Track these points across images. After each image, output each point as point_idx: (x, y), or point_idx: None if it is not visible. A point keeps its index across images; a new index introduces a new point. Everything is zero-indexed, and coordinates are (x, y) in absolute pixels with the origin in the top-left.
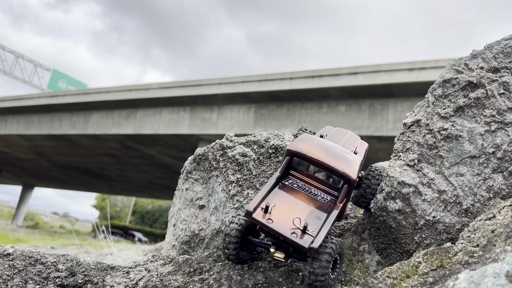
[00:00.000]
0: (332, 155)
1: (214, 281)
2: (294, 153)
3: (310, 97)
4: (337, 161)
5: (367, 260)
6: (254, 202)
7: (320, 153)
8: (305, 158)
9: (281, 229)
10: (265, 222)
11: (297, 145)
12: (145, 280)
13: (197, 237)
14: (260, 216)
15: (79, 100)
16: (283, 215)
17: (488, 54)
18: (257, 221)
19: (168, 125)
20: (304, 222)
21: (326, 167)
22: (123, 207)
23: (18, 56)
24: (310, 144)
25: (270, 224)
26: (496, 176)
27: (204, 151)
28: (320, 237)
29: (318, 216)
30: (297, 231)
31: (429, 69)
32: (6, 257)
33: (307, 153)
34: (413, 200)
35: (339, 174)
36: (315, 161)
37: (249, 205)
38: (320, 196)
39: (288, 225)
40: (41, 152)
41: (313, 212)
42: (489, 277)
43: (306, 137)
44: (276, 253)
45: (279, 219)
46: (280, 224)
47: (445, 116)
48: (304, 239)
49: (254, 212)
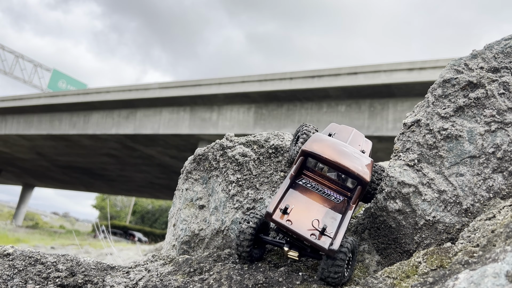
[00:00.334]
0: (346, 156)
1: (214, 281)
2: (309, 153)
3: (310, 97)
4: (351, 162)
5: (367, 260)
6: (273, 203)
7: (334, 154)
8: (320, 159)
9: (301, 230)
10: (285, 224)
11: (312, 145)
12: (145, 280)
13: (197, 237)
14: (279, 217)
15: (79, 100)
16: (301, 217)
17: (488, 54)
18: (277, 222)
19: (168, 125)
20: (322, 223)
21: (341, 169)
22: (123, 207)
23: (18, 56)
24: (324, 145)
25: (290, 226)
26: (496, 176)
27: (204, 151)
28: (338, 239)
29: (333, 217)
30: (316, 232)
31: (429, 69)
32: (6, 257)
33: (322, 154)
34: (413, 200)
35: (354, 176)
36: (330, 162)
37: (269, 207)
38: (333, 196)
39: (306, 226)
40: (41, 152)
41: (328, 213)
42: (489, 277)
43: (319, 137)
44: (290, 252)
45: (297, 221)
46: (299, 225)
47: (445, 116)
48: (323, 241)
49: (274, 213)
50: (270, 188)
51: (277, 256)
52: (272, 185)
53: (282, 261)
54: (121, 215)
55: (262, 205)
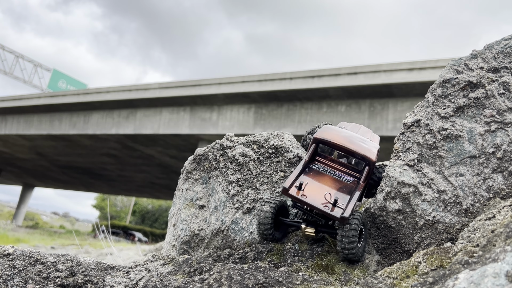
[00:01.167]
0: (353, 141)
1: (214, 281)
2: (320, 140)
3: (310, 97)
4: (358, 146)
5: (367, 260)
6: (289, 181)
7: (342, 140)
8: (329, 144)
9: (315, 202)
10: (300, 197)
11: (322, 133)
12: (145, 280)
13: (197, 237)
14: (295, 192)
15: (79, 100)
16: (314, 191)
17: (488, 54)
18: (293, 196)
19: (168, 125)
20: (334, 197)
21: (349, 151)
22: (123, 207)
23: (18, 56)
24: (333, 133)
25: (304, 199)
26: (496, 176)
27: (204, 151)
28: (349, 209)
29: (344, 193)
30: (328, 204)
31: (429, 69)
32: (6, 257)
33: (331, 140)
34: (413, 200)
35: (361, 157)
36: (339, 146)
37: (285, 183)
38: (344, 178)
39: (320, 199)
40: (41, 152)
41: (340, 189)
42: (489, 277)
43: (329, 127)
44: (307, 229)
45: (311, 195)
46: (313, 198)
47: (445, 116)
48: (336, 211)
49: (290, 189)
50: (270, 188)
51: (277, 256)
52: (272, 185)
53: (282, 261)
54: (121, 215)
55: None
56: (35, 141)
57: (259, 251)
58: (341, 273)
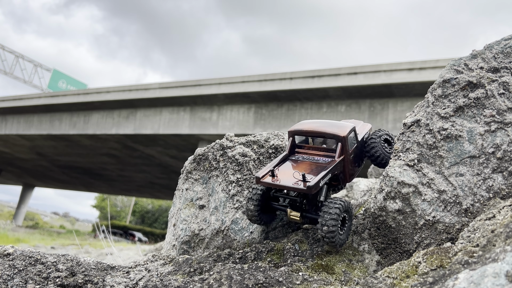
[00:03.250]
0: (324, 125)
1: (214, 281)
2: (294, 132)
3: (310, 97)
4: (327, 127)
5: (367, 260)
6: (263, 170)
7: (313, 126)
8: (301, 132)
9: (286, 183)
10: (272, 182)
11: (296, 126)
12: (145, 280)
13: (197, 237)
14: (269, 180)
15: (79, 100)
16: (285, 174)
17: (488, 54)
18: (266, 183)
19: (168, 125)
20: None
21: (318, 134)
22: (123, 207)
23: (18, 56)
24: (305, 123)
25: (277, 183)
26: (496, 176)
27: (204, 151)
28: (315, 179)
29: (317, 170)
30: (299, 182)
31: (429, 69)
32: (6, 257)
33: (303, 128)
34: (413, 200)
35: (330, 135)
36: (310, 132)
37: (258, 173)
38: (321, 160)
39: (291, 180)
40: (41, 152)
41: (313, 169)
42: (489, 277)
43: (303, 121)
44: (292, 213)
45: (283, 178)
46: (284, 180)
47: (445, 116)
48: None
49: (263, 178)
50: None
51: (277, 256)
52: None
53: (282, 261)
54: (121, 215)
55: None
56: (35, 141)
57: (259, 251)
58: (341, 273)
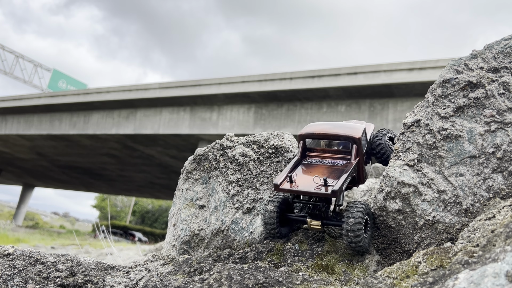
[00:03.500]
0: (336, 127)
1: (214, 281)
2: (305, 135)
3: (310, 97)
4: (341, 129)
5: (367, 260)
6: (280, 176)
7: (325, 128)
8: (313, 135)
9: (307, 188)
10: (292, 189)
11: (305, 129)
12: (145, 280)
13: (197, 237)
14: (288, 186)
15: (79, 100)
16: (306, 180)
17: (488, 54)
18: (285, 190)
19: (168, 125)
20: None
21: (332, 136)
22: (123, 207)
23: (18, 56)
24: (315, 125)
25: (297, 189)
26: (496, 176)
27: (204, 151)
28: (338, 183)
29: (336, 174)
30: (320, 186)
31: (429, 69)
32: (6, 257)
33: (314, 131)
34: (413, 200)
35: (345, 137)
36: (322, 134)
37: (276, 180)
38: (336, 163)
39: (311, 185)
40: (41, 152)
41: (331, 172)
42: (489, 277)
43: (311, 123)
44: (312, 222)
45: (303, 183)
46: (305, 186)
47: (445, 116)
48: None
49: (282, 184)
50: (270, 188)
51: (277, 256)
52: (272, 185)
53: (282, 261)
54: (121, 215)
55: (263, 205)
56: (35, 141)
57: (259, 251)
58: (341, 273)
